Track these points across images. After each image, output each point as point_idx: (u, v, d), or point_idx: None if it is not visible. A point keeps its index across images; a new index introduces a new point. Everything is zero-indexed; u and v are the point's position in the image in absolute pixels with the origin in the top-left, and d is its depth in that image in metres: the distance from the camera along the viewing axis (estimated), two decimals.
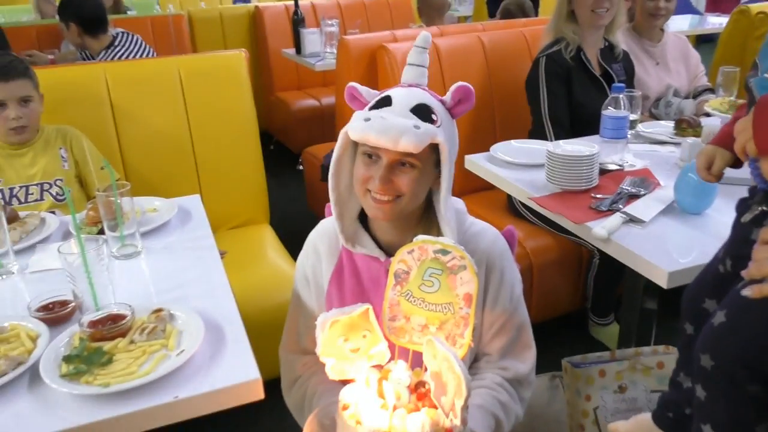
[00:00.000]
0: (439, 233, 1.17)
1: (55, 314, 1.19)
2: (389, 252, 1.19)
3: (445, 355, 0.91)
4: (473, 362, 1.28)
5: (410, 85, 1.14)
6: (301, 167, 3.67)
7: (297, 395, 1.29)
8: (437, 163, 1.13)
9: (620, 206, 1.64)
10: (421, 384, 1.01)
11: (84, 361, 1.03)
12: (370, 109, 1.11)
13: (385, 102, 1.10)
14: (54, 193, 1.99)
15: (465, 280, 1.00)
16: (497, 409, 1.19)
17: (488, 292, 1.21)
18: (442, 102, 1.13)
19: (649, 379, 1.66)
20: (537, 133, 2.39)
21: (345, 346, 1.01)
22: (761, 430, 1.10)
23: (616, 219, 1.56)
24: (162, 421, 0.99)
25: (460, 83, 1.11)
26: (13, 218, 1.58)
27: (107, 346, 1.07)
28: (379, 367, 1.05)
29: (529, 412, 1.99)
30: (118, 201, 1.44)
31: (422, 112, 1.08)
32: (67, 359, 1.05)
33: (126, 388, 0.98)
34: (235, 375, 1.03)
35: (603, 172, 1.86)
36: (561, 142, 1.87)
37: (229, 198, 2.52)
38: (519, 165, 2.00)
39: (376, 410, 0.94)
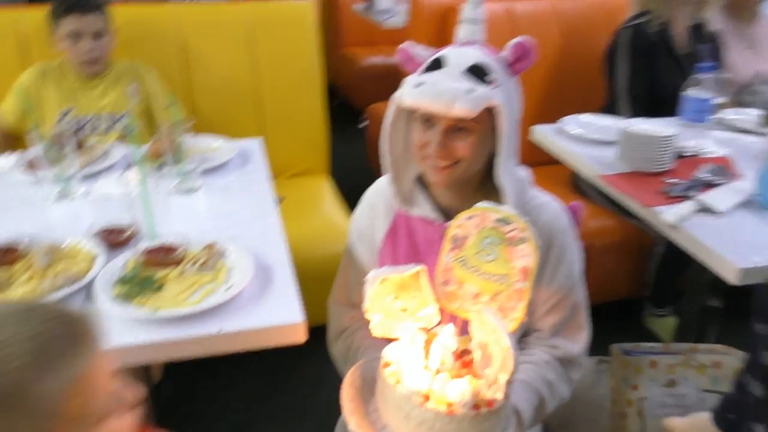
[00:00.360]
0: (499, 200, 1.13)
1: (113, 238, 1.22)
2: (447, 215, 1.16)
3: (494, 327, 0.88)
4: (522, 336, 1.25)
5: (464, 44, 1.08)
6: (363, 124, 3.65)
7: (342, 346, 1.28)
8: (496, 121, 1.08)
9: (694, 193, 1.55)
10: (466, 352, 0.98)
11: (137, 285, 1.06)
12: (423, 72, 1.06)
13: (438, 64, 1.05)
14: (121, 126, 2.03)
15: (524, 253, 0.96)
16: (542, 386, 1.15)
17: (546, 268, 1.17)
18: (501, 59, 1.07)
19: (702, 377, 1.58)
20: (611, 108, 2.27)
21: (393, 305, 0.99)
22: None
23: (687, 206, 1.47)
24: (205, 352, 1.00)
25: (518, 39, 1.05)
26: (80, 145, 1.62)
27: (159, 273, 1.09)
28: (426, 329, 1.03)
29: (572, 394, 1.96)
30: (181, 138, 1.45)
31: (477, 73, 1.02)
32: (122, 281, 1.07)
33: (174, 315, 1.00)
34: (279, 316, 1.03)
35: (678, 156, 1.76)
36: (637, 120, 1.78)
37: (291, 146, 2.54)
38: (589, 140, 1.91)
39: (418, 371, 0.92)
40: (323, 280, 1.39)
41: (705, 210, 1.48)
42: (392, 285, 0.97)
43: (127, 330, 1.00)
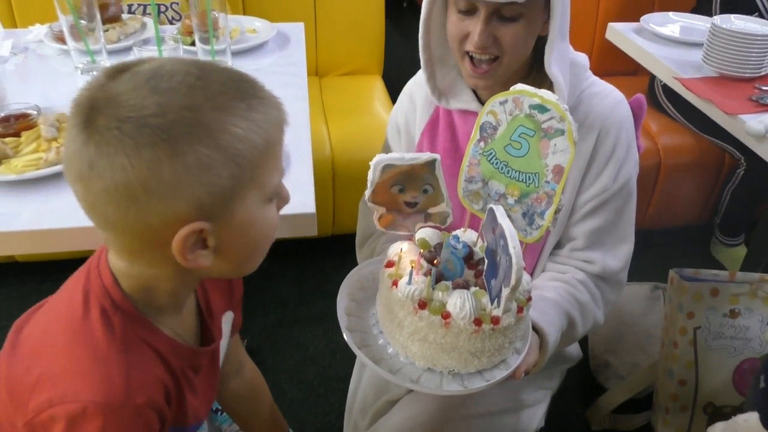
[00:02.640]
0: (551, 90, 0.97)
1: None
2: None
3: (501, 231, 0.75)
4: (555, 248, 1.11)
5: None
6: None
7: (366, 252, 1.22)
8: (547, 4, 0.92)
9: None
10: (483, 261, 0.85)
11: None
12: None
13: None
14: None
15: (559, 148, 0.82)
16: (573, 308, 1.04)
17: (593, 164, 1.02)
18: None
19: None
20: (703, 8, 1.99)
21: (400, 197, 0.87)
22: None
23: None
24: None
25: None
26: (114, 18, 1.54)
27: None
28: (438, 229, 0.92)
29: (619, 319, 1.84)
30: (212, 14, 1.34)
31: None
32: None
33: None
34: (290, 205, 0.93)
35: None
36: (732, 16, 1.53)
37: (343, 44, 2.41)
38: (673, 40, 1.68)
39: (418, 276, 0.81)
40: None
41: None
42: (400, 174, 0.84)
43: None
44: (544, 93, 0.82)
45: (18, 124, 1.06)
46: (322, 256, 2.26)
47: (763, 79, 1.44)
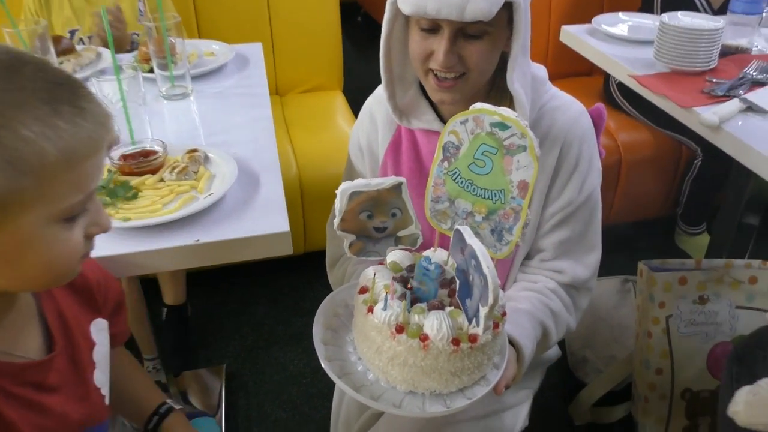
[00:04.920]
0: (512, 105, 0.99)
1: None
2: None
3: (471, 251, 0.75)
4: (525, 260, 1.13)
5: None
6: None
7: (338, 274, 1.21)
8: (510, 20, 0.92)
9: (740, 93, 1.38)
10: (454, 280, 0.86)
11: (109, 194, 0.97)
12: None
13: None
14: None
15: (522, 164, 0.83)
16: (547, 317, 1.05)
17: (558, 177, 1.04)
18: None
19: (736, 293, 1.47)
20: (649, 5, 2.06)
21: (369, 223, 0.87)
22: None
23: (732, 105, 1.31)
24: (184, 264, 0.92)
25: None
26: (68, 50, 1.52)
27: (135, 181, 1.00)
28: (408, 251, 0.91)
29: (594, 314, 1.87)
30: (169, 39, 1.33)
31: None
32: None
33: (146, 224, 0.91)
34: (264, 225, 0.93)
35: (725, 54, 1.57)
36: (678, 13, 1.58)
37: (302, 61, 2.41)
38: (624, 40, 1.73)
39: (393, 300, 0.80)
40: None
41: (752, 109, 1.32)
42: (368, 199, 0.84)
43: (100, 241, 0.91)
44: (504, 110, 0.83)
45: None
46: (295, 275, 2.25)
47: (714, 72, 1.49)
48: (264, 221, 0.94)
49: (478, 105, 0.85)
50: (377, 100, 1.15)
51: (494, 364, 0.87)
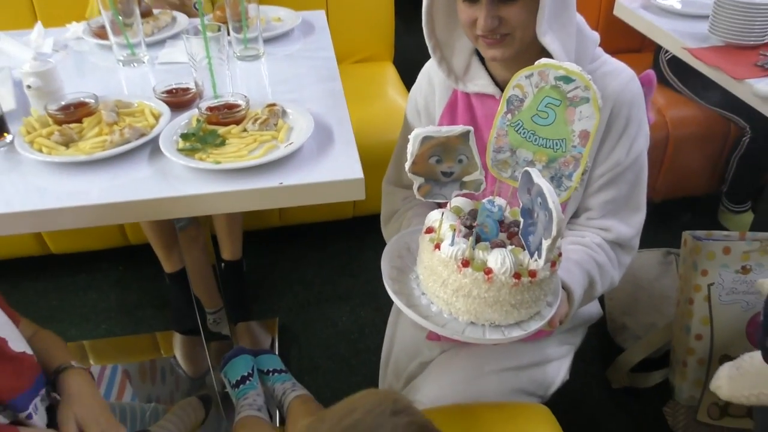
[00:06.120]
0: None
1: (177, 98, 1.23)
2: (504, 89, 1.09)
3: (539, 189, 0.82)
4: (572, 218, 1.19)
5: None
6: None
7: (393, 227, 1.28)
8: None
9: None
10: (514, 224, 0.94)
11: (199, 140, 1.07)
12: None
13: None
14: None
15: (585, 114, 0.88)
16: (593, 268, 1.12)
17: (606, 140, 1.09)
18: None
19: None
20: None
21: (437, 167, 0.94)
22: None
23: None
24: (266, 204, 1.01)
25: None
26: (147, 13, 1.62)
27: (221, 130, 1.10)
28: (471, 196, 0.99)
29: (634, 283, 1.92)
30: (244, 4, 1.41)
31: None
32: (184, 136, 1.08)
33: (235, 167, 1.01)
34: (339, 172, 1.02)
35: None
36: None
37: (355, 32, 2.46)
38: (678, 14, 1.76)
39: (457, 237, 0.88)
40: (382, 166, 1.36)
41: None
42: (437, 145, 0.91)
43: (190, 181, 1.02)
44: (569, 65, 0.88)
45: (78, 112, 1.14)
46: (344, 238, 2.35)
47: (767, 46, 1.52)
48: (340, 169, 1.03)
49: (543, 60, 0.90)
50: (434, 65, 1.19)
51: (548, 302, 0.95)
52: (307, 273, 2.23)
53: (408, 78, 2.62)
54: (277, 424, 1.56)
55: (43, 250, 2.15)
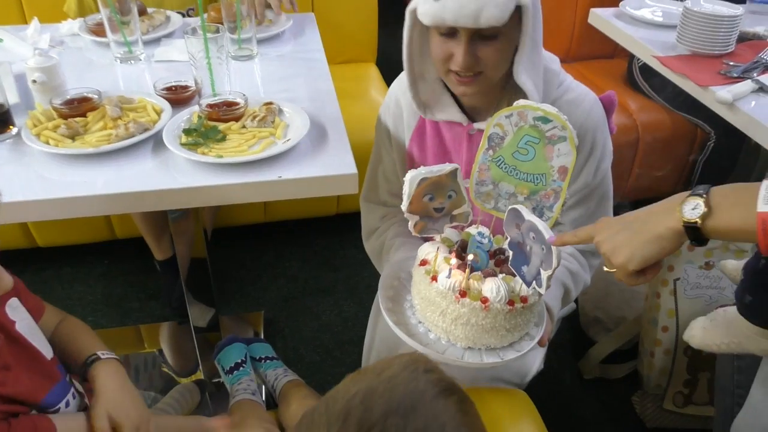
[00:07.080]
0: (525, 98, 1.10)
1: (176, 95, 1.28)
2: (472, 116, 1.14)
3: (531, 226, 0.89)
4: None
5: None
6: None
7: (375, 244, 1.33)
8: (521, 19, 0.99)
9: (754, 75, 1.51)
10: (500, 251, 1.01)
11: (201, 135, 1.12)
12: None
13: None
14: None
15: (563, 152, 0.94)
16: (567, 278, 1.19)
17: (576, 163, 1.15)
18: None
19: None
20: None
21: (430, 205, 1.00)
22: None
23: (745, 85, 1.45)
24: (266, 197, 1.08)
25: None
26: (141, 12, 1.66)
27: (222, 126, 1.15)
28: (461, 227, 1.05)
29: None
30: (240, 6, 1.47)
31: None
32: (187, 131, 1.14)
33: (236, 161, 1.07)
34: (334, 167, 1.09)
35: (742, 39, 1.70)
36: (702, 0, 1.71)
37: (340, 34, 2.52)
38: (649, 23, 1.86)
39: (453, 269, 0.94)
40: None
41: (763, 90, 1.45)
42: (429, 184, 0.97)
43: (193, 174, 1.07)
44: (546, 107, 0.94)
45: (82, 106, 1.19)
46: (327, 234, 2.41)
47: (731, 56, 1.62)
48: (334, 164, 1.10)
49: (521, 102, 0.96)
50: (401, 88, 1.20)
51: (534, 323, 1.02)
52: (292, 267, 2.28)
53: (390, 79, 2.68)
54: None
55: (29, 243, 2.17)
